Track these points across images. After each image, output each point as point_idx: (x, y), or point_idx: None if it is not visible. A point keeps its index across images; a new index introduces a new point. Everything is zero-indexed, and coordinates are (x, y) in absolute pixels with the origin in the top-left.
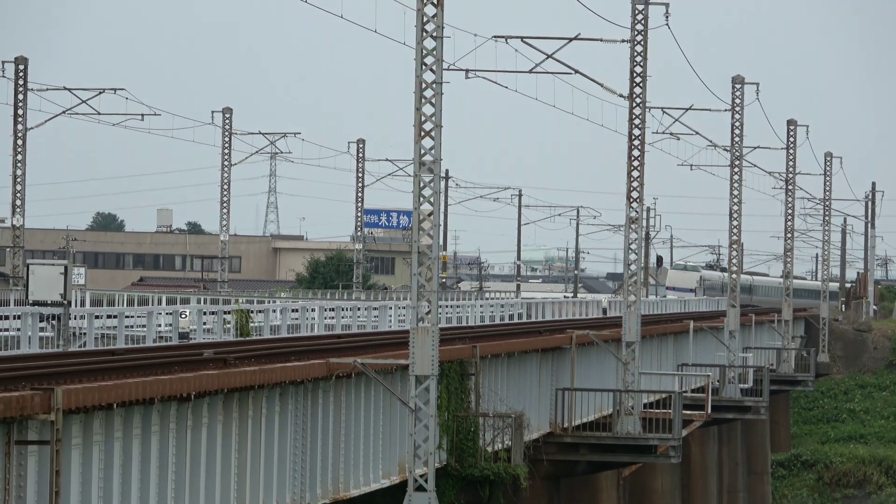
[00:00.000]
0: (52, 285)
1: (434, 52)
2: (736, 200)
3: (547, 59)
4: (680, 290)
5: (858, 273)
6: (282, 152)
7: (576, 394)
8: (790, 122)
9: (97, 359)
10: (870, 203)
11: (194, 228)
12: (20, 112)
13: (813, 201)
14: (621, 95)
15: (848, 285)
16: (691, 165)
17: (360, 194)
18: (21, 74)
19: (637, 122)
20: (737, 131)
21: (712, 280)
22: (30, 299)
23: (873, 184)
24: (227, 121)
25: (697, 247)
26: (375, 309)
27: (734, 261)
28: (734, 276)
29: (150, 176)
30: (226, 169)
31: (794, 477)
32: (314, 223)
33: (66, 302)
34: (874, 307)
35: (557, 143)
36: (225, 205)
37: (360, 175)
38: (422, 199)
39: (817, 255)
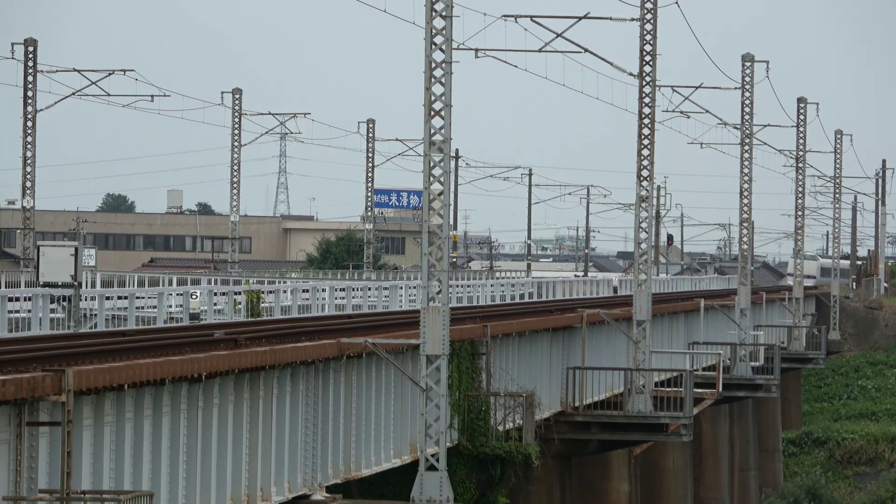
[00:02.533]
0: (63, 267)
1: (443, 32)
2: (746, 178)
3: (556, 38)
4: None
5: (869, 250)
6: (292, 133)
7: (587, 373)
8: (800, 100)
9: (108, 340)
10: (880, 180)
11: (204, 209)
12: (30, 94)
13: (823, 179)
14: (631, 74)
15: (858, 263)
16: (701, 144)
17: (370, 174)
18: (30, 56)
19: (647, 100)
20: (747, 109)
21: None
22: (40, 281)
23: (884, 161)
24: (236, 101)
25: (708, 225)
26: (386, 289)
27: (745, 239)
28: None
29: (160, 157)
30: (236, 150)
31: (805, 454)
32: (324, 203)
33: (76, 283)
34: (885, 284)
35: (567, 122)
36: (235, 185)
37: (370, 155)
38: (432, 178)
39: (828, 232)
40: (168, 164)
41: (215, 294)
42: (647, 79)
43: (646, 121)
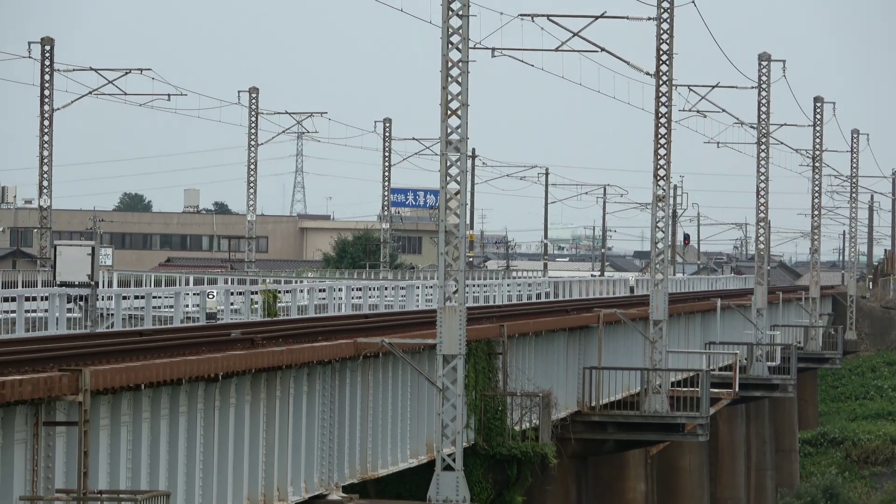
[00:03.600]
0: (80, 266)
1: (460, 31)
2: (763, 178)
3: (573, 37)
4: None
5: (886, 250)
6: (308, 132)
7: (603, 372)
8: (817, 99)
9: (125, 339)
10: None
11: (221, 208)
12: (46, 93)
13: (840, 178)
14: (648, 73)
15: (876, 262)
16: (718, 143)
17: (386, 173)
18: (47, 55)
19: (664, 99)
20: (763, 108)
21: None
22: (57, 280)
23: None
24: (253, 101)
25: (724, 224)
26: (402, 288)
27: (762, 239)
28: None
29: (176, 156)
30: (252, 149)
31: (821, 454)
32: (341, 203)
33: (93, 283)
34: None
35: (584, 122)
36: (252, 185)
37: (386, 154)
38: (448, 178)
39: (844, 232)
40: (185, 163)
41: (232, 294)
42: (664, 78)
43: (662, 120)
